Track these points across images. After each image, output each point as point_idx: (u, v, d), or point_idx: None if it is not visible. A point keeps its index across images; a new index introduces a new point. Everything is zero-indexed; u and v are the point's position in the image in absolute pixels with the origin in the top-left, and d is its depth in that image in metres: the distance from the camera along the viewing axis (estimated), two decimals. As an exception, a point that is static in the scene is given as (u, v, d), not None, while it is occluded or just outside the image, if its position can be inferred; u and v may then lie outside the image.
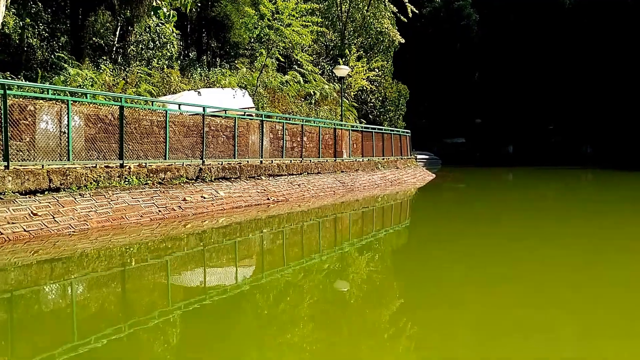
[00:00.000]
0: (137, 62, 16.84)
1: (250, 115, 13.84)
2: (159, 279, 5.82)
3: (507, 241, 8.28)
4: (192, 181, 9.82)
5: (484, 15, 47.56)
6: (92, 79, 13.91)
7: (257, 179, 11.75)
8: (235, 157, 11.66)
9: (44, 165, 7.34)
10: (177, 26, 19.20)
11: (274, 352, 3.70)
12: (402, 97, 28.13)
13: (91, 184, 7.74)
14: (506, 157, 44.40)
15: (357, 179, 16.30)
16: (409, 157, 24.77)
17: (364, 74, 24.36)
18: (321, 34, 24.92)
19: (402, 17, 27.30)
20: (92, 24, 16.76)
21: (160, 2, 16.50)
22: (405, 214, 12.61)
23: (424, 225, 10.74)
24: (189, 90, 15.17)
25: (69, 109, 7.85)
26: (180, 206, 8.67)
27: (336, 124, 17.33)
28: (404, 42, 27.97)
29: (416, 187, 19.09)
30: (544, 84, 43.84)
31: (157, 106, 10.69)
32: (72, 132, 8.24)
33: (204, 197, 9.34)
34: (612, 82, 40.86)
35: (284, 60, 20.90)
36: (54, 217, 6.70)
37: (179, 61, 19.36)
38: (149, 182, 8.77)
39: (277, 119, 14.37)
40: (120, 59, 17.21)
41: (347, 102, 23.46)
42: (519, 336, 3.96)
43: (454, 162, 40.64)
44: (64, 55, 15.15)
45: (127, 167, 8.66)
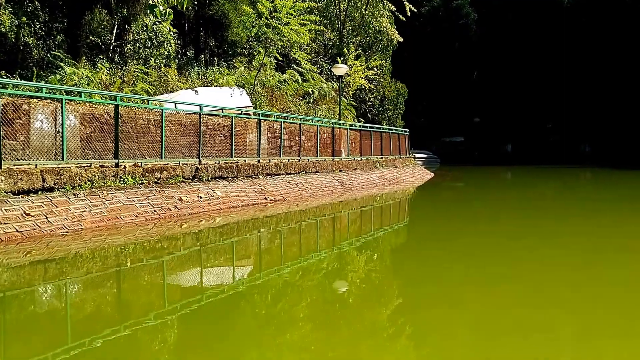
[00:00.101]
0: (134, 61, 16.74)
1: (247, 114, 13.77)
2: (156, 279, 5.75)
3: (506, 240, 8.29)
4: (189, 180, 9.74)
5: (482, 14, 47.55)
6: (88, 77, 13.82)
7: (255, 178, 11.67)
8: (232, 156, 11.58)
9: (37, 164, 7.25)
10: (174, 25, 19.11)
11: (273, 352, 3.68)
12: (400, 96, 28.07)
13: (85, 183, 7.66)
14: (505, 156, 44.41)
15: (355, 178, 16.23)
16: (408, 156, 24.72)
17: (363, 73, 24.29)
18: (319, 32, 24.81)
19: (401, 16, 27.24)
20: (88, 22, 16.65)
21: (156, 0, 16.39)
22: (403, 213, 12.55)
23: (422, 224, 10.70)
24: (186, 89, 15.09)
25: (62, 108, 7.76)
26: (176, 206, 8.58)
27: (334, 123, 17.26)
28: (402, 41, 27.92)
29: (415, 186, 19.04)
30: (543, 83, 43.84)
31: (153, 105, 10.61)
32: (67, 131, 8.16)
33: (201, 197, 9.26)
34: (611, 81, 40.86)
35: (282, 59, 20.83)
36: (47, 218, 6.61)
37: (176, 60, 19.25)
38: (144, 181, 8.68)
39: (275, 117, 14.30)
40: (117, 57, 17.10)
41: (346, 101, 23.39)
42: (519, 336, 3.96)
43: (452, 161, 40.67)
44: (60, 54, 15.05)
45: (123, 167, 8.57)
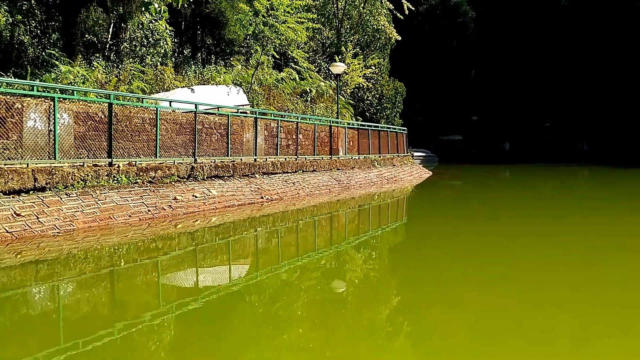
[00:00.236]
0: (130, 60, 16.62)
1: (244, 112, 13.68)
2: (151, 279, 5.67)
3: (505, 239, 8.27)
4: (184, 180, 9.64)
5: (480, 12, 47.49)
6: (83, 76, 13.71)
7: (251, 177, 11.58)
8: (228, 155, 11.49)
9: (29, 164, 7.14)
10: (171, 23, 18.97)
11: (271, 352, 3.66)
12: (398, 95, 27.99)
13: (78, 183, 7.55)
14: (503, 154, 44.40)
15: (353, 177, 16.15)
16: (406, 154, 24.65)
17: (361, 72, 24.20)
18: (317, 31, 24.72)
19: (399, 15, 27.16)
20: (83, 20, 16.52)
21: (151, -3, 16.24)
22: (402, 211, 12.48)
23: (421, 222, 10.66)
24: (183, 87, 14.98)
25: (55, 106, 7.65)
26: (170, 205, 8.48)
27: (332, 122, 17.17)
28: (400, 39, 27.84)
29: (413, 185, 18.97)
30: (540, 81, 43.80)
31: (147, 103, 10.51)
32: (61, 130, 8.05)
33: (196, 196, 9.17)
34: (608, 79, 40.85)
35: (279, 57, 20.73)
36: (38, 218, 6.51)
37: (173, 58, 19.13)
38: (138, 180, 8.58)
39: (272, 116, 14.20)
40: (113, 56, 16.98)
41: (344, 99, 23.30)
42: (517, 335, 3.96)
43: (450, 159, 40.68)
44: (55, 52, 14.92)
45: (116, 166, 8.46)
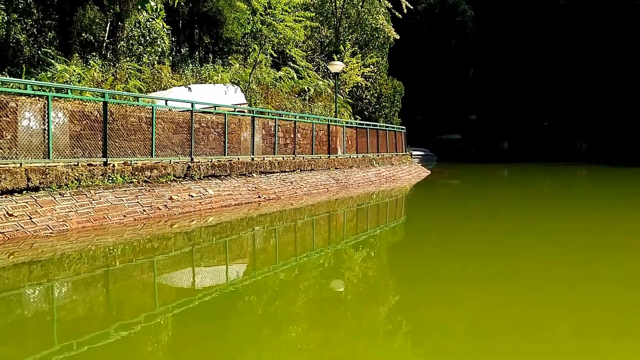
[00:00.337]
0: (127, 58, 16.51)
1: (241, 111, 13.59)
2: (147, 280, 5.61)
3: (503, 237, 8.25)
4: (180, 179, 9.56)
5: (478, 11, 47.46)
6: (79, 75, 13.61)
7: (248, 177, 11.51)
8: (225, 154, 11.41)
9: (22, 163, 7.06)
10: (169, 22, 18.88)
11: (270, 351, 3.63)
12: (397, 94, 27.91)
13: (72, 182, 7.46)
14: (501, 153, 44.40)
15: (351, 176, 16.08)
16: (404, 153, 24.59)
17: (359, 70, 24.12)
18: (316, 30, 24.64)
19: (397, 13, 27.07)
20: (80, 19, 16.41)
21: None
22: (400, 210, 12.43)
23: (419, 221, 10.62)
24: (179, 86, 14.90)
25: (48, 105, 7.57)
26: (166, 205, 8.40)
27: (330, 120, 17.10)
28: (398, 38, 27.76)
29: (411, 184, 18.92)
30: (539, 80, 43.78)
31: (143, 102, 10.42)
32: (56, 129, 7.97)
33: (192, 196, 9.09)
34: (607, 78, 40.83)
35: (278, 56, 20.64)
36: (30, 218, 6.42)
37: (170, 57, 19.03)
38: (134, 180, 8.49)
39: (270, 115, 14.12)
40: (110, 55, 16.87)
41: (342, 98, 23.22)
42: (516, 333, 3.95)
43: (449, 158, 40.68)
44: (51, 51, 14.82)
45: (111, 165, 8.38)
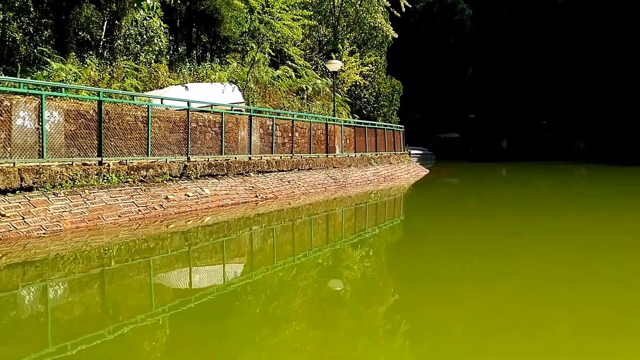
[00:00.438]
0: (124, 57, 16.41)
1: (239, 110, 13.52)
2: (143, 280, 5.54)
3: (502, 236, 8.23)
4: (176, 178, 9.48)
5: (477, 10, 47.41)
6: (75, 73, 13.52)
7: (245, 176, 11.43)
8: (222, 154, 11.34)
9: (15, 162, 6.97)
10: (166, 21, 18.78)
11: (269, 351, 3.61)
12: (395, 93, 27.84)
13: (67, 182, 7.37)
14: (499, 152, 44.40)
15: (349, 175, 16.02)
16: (403, 152, 24.54)
17: (357, 69, 24.05)
18: (314, 28, 24.54)
19: (396, 12, 27.01)
20: (76, 17, 16.29)
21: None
22: (398, 210, 12.38)
23: (418, 220, 10.58)
24: (176, 85, 14.81)
25: (42, 104, 7.49)
26: (162, 205, 8.32)
27: (328, 119, 17.03)
28: (397, 37, 27.70)
29: (410, 183, 18.87)
30: (537, 79, 43.77)
31: (139, 101, 10.33)
32: (52, 129, 7.89)
33: (188, 195, 9.01)
34: (605, 77, 40.82)
35: (275, 55, 20.55)
36: (23, 218, 6.34)
37: (167, 56, 18.93)
38: (129, 180, 8.41)
39: (267, 114, 14.04)
40: (107, 53, 16.77)
41: (340, 97, 23.14)
42: (514, 332, 3.93)
43: (447, 157, 40.68)
44: (47, 49, 14.72)
45: (107, 165, 8.29)
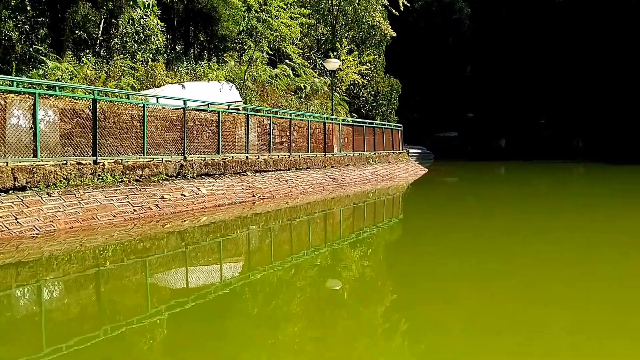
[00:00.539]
0: (120, 56, 16.31)
1: (236, 109, 13.44)
2: (139, 280, 5.48)
3: (500, 235, 8.20)
4: (172, 178, 9.40)
5: (475, 9, 47.37)
6: (71, 72, 13.42)
7: (243, 175, 11.36)
8: (219, 153, 11.26)
9: (8, 162, 6.89)
10: (163, 19, 18.68)
11: (268, 351, 3.58)
12: (394, 92, 27.77)
13: (61, 182, 7.29)
14: (498, 151, 44.41)
15: (347, 174, 15.96)
16: (401, 151, 24.49)
17: (356, 68, 23.97)
18: (312, 27, 24.45)
19: (394, 11, 26.94)
20: (72, 16, 16.18)
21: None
22: (397, 209, 12.33)
23: (416, 219, 10.53)
24: (173, 83, 14.72)
25: (35, 102, 7.41)
26: (157, 205, 8.24)
27: (326, 118, 16.96)
28: (395, 36, 27.62)
29: (408, 182, 18.81)
30: (536, 78, 43.76)
31: (134, 99, 10.25)
32: (46, 128, 7.81)
33: (184, 195, 8.93)
34: (604, 76, 40.83)
35: (273, 53, 20.47)
36: (16, 219, 6.25)
37: (164, 55, 18.83)
38: (124, 179, 8.33)
39: (265, 112, 13.97)
40: (103, 52, 16.67)
41: (338, 96, 23.07)
42: (513, 331, 3.92)
43: (446, 156, 40.66)
44: (42, 48, 14.61)
45: (102, 164, 8.21)
